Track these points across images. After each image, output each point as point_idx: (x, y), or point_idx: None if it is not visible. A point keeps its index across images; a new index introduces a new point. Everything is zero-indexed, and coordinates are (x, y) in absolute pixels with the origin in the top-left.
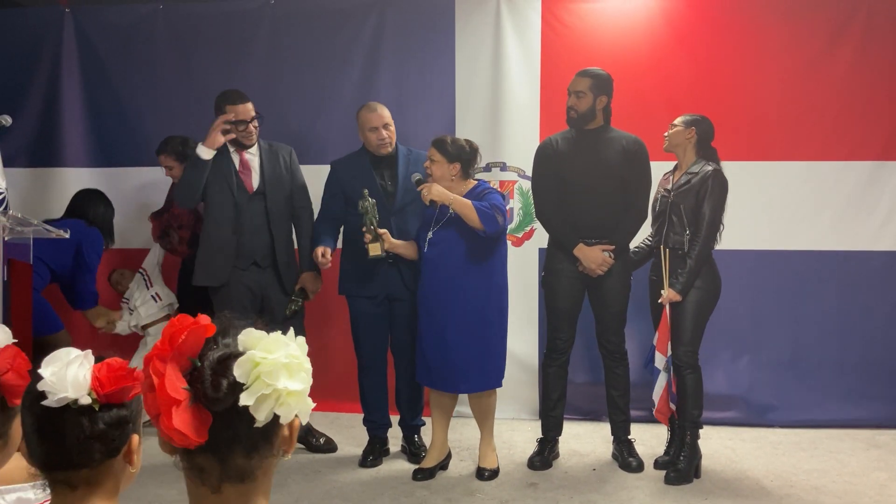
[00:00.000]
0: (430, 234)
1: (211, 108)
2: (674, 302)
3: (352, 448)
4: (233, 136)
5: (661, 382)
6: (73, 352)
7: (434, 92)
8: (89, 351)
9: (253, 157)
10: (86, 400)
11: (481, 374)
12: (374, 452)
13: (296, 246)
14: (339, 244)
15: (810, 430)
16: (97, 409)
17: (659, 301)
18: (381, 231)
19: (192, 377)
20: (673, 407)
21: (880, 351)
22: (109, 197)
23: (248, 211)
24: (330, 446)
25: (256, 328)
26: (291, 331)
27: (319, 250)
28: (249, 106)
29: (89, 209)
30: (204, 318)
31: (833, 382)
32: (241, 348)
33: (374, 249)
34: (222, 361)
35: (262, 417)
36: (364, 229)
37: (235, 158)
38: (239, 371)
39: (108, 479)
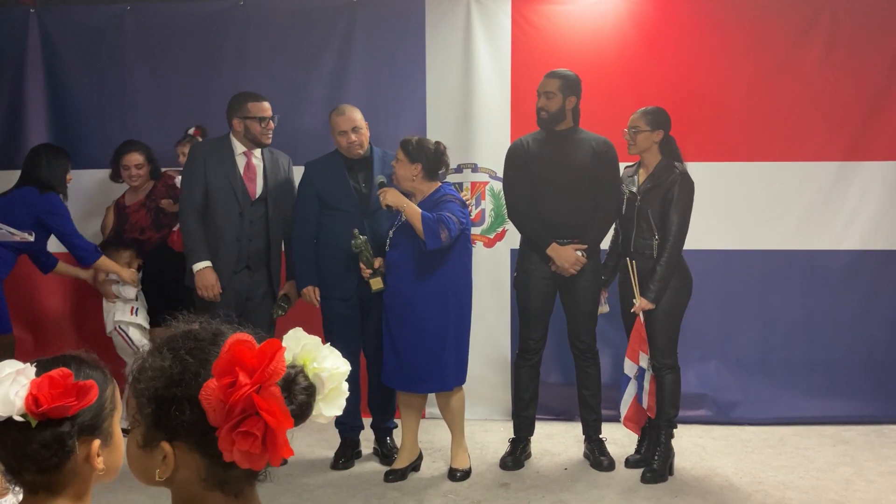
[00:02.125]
0: (390, 235)
1: (179, 109)
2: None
3: (323, 451)
4: None
5: (630, 391)
6: (6, 368)
7: (405, 94)
8: (27, 365)
9: (258, 161)
10: (19, 418)
11: (437, 375)
12: (346, 455)
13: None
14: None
15: (779, 428)
16: (33, 426)
17: (632, 311)
18: (378, 264)
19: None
20: (646, 409)
21: (845, 348)
22: (75, 200)
23: (248, 216)
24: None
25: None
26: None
27: (311, 293)
28: (268, 104)
29: (39, 172)
30: (273, 342)
31: (800, 380)
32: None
33: (376, 284)
34: (298, 377)
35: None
36: (363, 265)
37: (241, 162)
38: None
39: (71, 482)
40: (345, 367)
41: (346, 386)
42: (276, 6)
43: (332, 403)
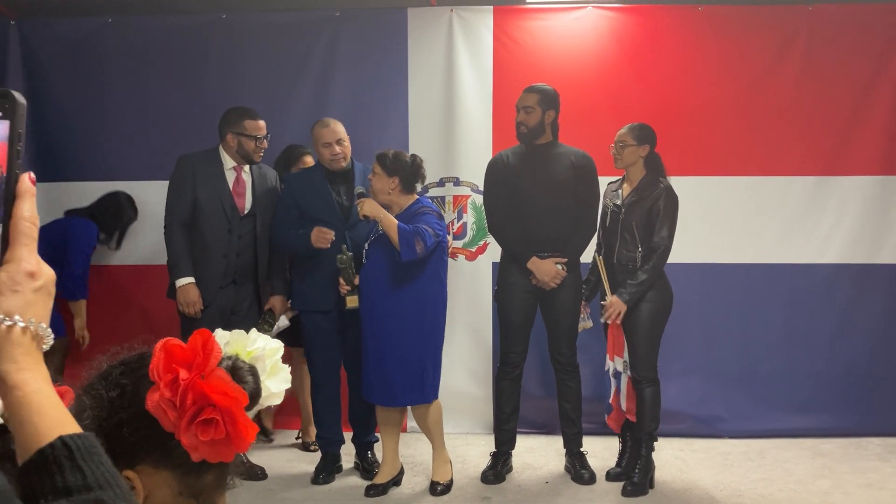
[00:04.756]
0: (366, 247)
1: (160, 123)
2: (628, 318)
3: (304, 465)
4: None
5: (612, 389)
6: None
7: (387, 107)
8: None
9: (247, 176)
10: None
11: (413, 388)
12: (327, 469)
13: None
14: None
15: (758, 440)
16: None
17: (602, 311)
18: (357, 281)
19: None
20: (624, 412)
21: (825, 362)
22: (56, 213)
23: (236, 232)
24: (257, 473)
25: None
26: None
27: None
28: (263, 123)
29: (100, 210)
30: (201, 332)
31: (780, 393)
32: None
33: (352, 302)
34: (237, 362)
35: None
36: (342, 281)
37: (230, 176)
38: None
39: None
40: (275, 343)
41: (283, 364)
42: (259, 19)
43: (277, 378)
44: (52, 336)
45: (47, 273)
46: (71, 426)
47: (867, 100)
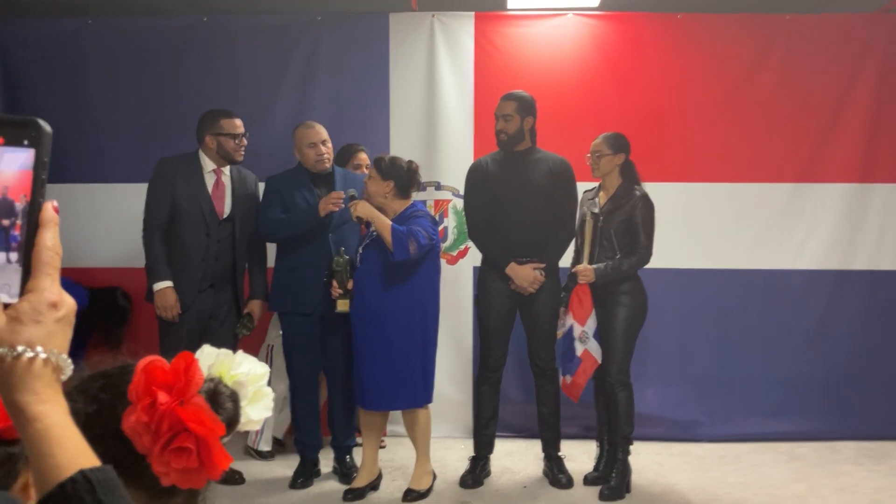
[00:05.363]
0: (360, 251)
1: (139, 126)
2: (603, 322)
3: (282, 469)
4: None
5: (569, 352)
6: None
7: (369, 112)
8: None
9: (227, 179)
10: None
11: (404, 392)
12: (305, 473)
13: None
14: (273, 260)
15: (735, 444)
16: None
17: (572, 270)
18: (350, 285)
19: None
20: (568, 379)
21: (800, 366)
22: None
23: (215, 236)
24: (234, 477)
25: None
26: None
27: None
28: (240, 121)
29: (92, 297)
30: (185, 355)
31: (756, 397)
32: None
33: (343, 306)
34: (219, 386)
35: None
36: (335, 284)
37: (210, 179)
38: (238, 391)
39: None
40: (261, 368)
41: (268, 388)
42: (240, 23)
43: (258, 405)
44: (72, 367)
45: (69, 303)
46: (90, 459)
47: (843, 108)
